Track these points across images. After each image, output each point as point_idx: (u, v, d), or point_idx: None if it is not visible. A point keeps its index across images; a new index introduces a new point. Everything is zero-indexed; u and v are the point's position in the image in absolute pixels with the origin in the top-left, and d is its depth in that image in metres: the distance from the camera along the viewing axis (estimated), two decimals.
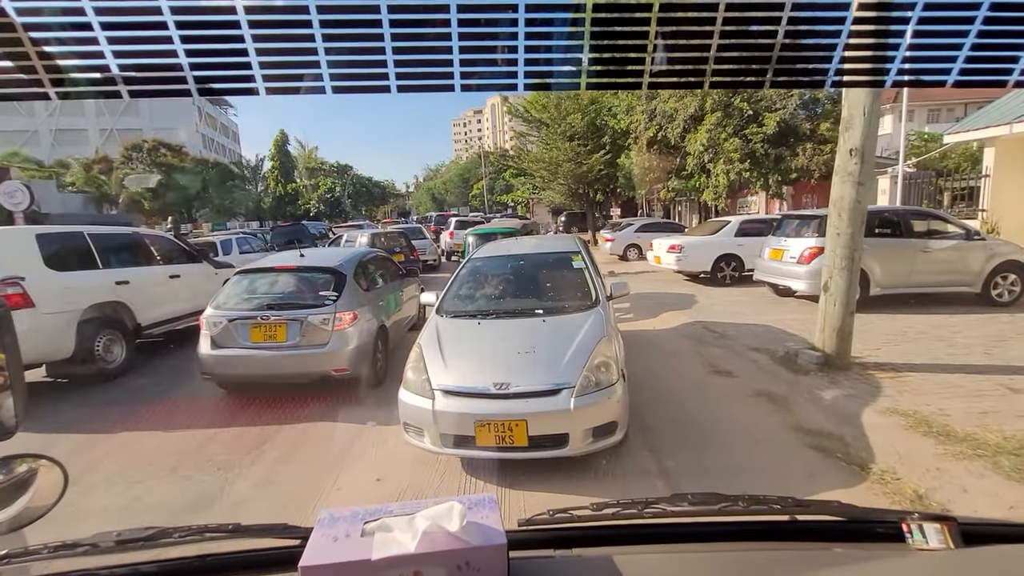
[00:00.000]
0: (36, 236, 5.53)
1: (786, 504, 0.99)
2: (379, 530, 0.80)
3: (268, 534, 1.00)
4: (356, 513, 0.86)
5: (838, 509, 0.98)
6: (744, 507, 1.00)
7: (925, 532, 0.88)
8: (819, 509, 1.00)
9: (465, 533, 0.78)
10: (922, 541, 0.88)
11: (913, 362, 4.99)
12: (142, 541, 0.98)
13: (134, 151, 30.27)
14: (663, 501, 1.03)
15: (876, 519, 0.99)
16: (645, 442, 3.61)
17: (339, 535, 0.80)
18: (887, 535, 0.93)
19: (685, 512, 1.01)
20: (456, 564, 0.76)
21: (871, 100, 4.42)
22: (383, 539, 0.78)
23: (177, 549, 0.99)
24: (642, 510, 1.02)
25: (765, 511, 1.00)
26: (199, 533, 1.00)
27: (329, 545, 0.78)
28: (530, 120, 23.13)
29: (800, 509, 1.00)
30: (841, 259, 4.75)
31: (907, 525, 0.90)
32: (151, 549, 0.98)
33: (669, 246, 10.98)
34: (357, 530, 0.81)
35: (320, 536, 0.81)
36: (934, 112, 34.83)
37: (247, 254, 12.19)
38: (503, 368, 3.26)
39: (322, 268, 5.30)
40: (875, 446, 3.41)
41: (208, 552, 0.97)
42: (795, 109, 15.01)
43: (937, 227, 7.66)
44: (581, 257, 4.73)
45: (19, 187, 11.46)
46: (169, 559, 0.96)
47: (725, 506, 1.00)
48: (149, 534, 0.99)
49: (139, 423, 4.50)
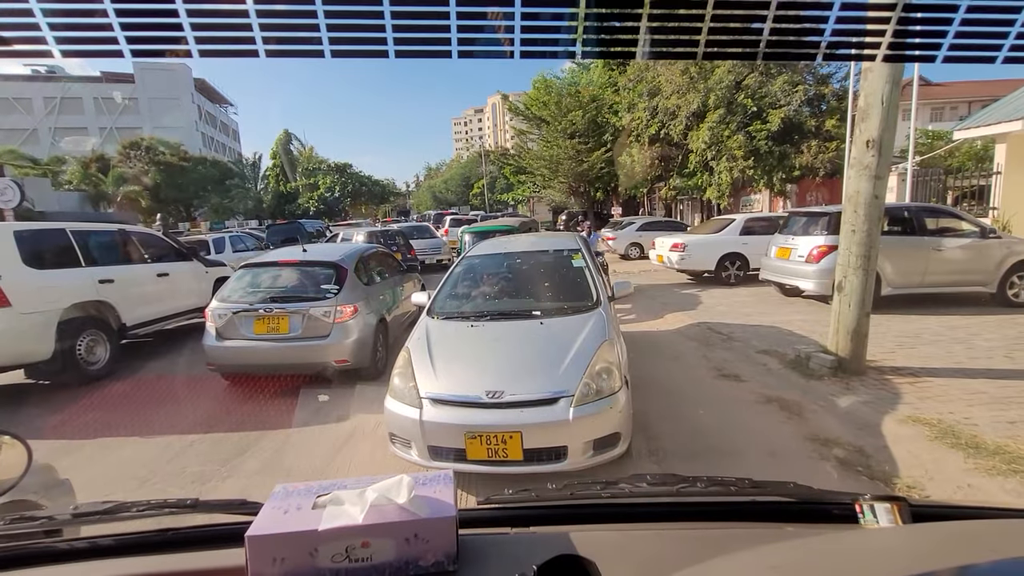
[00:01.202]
0: (14, 233, 5.30)
1: (743, 486, 1.00)
2: (330, 503, 0.81)
3: (226, 509, 1.01)
4: (310, 487, 0.87)
5: (794, 491, 1.00)
6: (702, 488, 1.01)
7: (876, 512, 0.89)
8: (775, 490, 1.01)
9: (413, 505, 0.79)
10: (873, 521, 0.89)
11: (932, 366, 4.73)
12: (99, 515, 0.98)
13: (132, 149, 30.08)
14: (622, 481, 1.04)
15: (830, 500, 0.99)
16: (651, 454, 3.36)
17: (290, 508, 0.81)
18: (841, 516, 0.94)
19: (644, 492, 1.02)
20: (404, 536, 0.77)
21: (889, 88, 4.16)
22: (332, 511, 0.79)
23: (136, 523, 0.98)
24: (601, 490, 1.02)
25: (722, 492, 1.01)
26: (158, 508, 0.99)
27: (279, 517, 0.79)
28: (531, 118, 22.91)
29: (757, 491, 1.00)
30: (857, 257, 4.49)
31: (859, 506, 0.91)
32: (109, 523, 0.98)
33: (672, 244, 10.71)
34: (309, 503, 0.82)
35: (271, 508, 0.82)
36: (937, 110, 34.55)
37: (241, 253, 11.96)
38: (496, 375, 3.02)
39: (324, 262, 5.40)
40: (899, 459, 3.16)
41: (167, 527, 0.96)
42: (800, 106, 14.75)
43: (951, 225, 7.40)
44: (581, 255, 4.48)
45: (8, 184, 11.22)
46: (128, 533, 0.96)
47: (683, 487, 1.00)
48: (107, 507, 0.99)
49: (121, 428, 4.27)
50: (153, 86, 48.19)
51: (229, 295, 5.15)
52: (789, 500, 1.01)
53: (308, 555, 0.75)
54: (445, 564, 0.79)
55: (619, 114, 19.37)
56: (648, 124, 17.38)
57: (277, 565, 0.75)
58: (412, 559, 0.78)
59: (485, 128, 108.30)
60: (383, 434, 3.23)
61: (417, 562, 0.78)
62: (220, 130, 59.44)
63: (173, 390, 5.50)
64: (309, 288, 5.17)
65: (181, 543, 0.94)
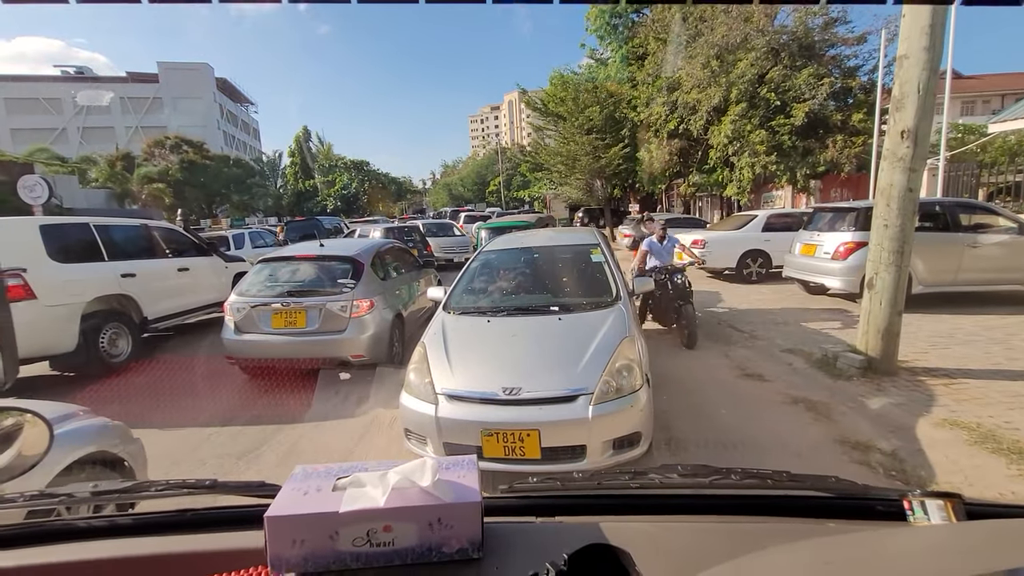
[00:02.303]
0: (40, 227, 5.40)
1: (780, 479, 0.95)
2: (350, 485, 0.79)
3: (245, 491, 1.00)
4: (330, 470, 0.85)
5: (835, 485, 0.94)
6: (736, 480, 0.95)
7: (927, 509, 0.83)
8: (816, 484, 0.95)
9: (437, 489, 0.77)
10: (924, 518, 0.83)
11: (968, 367, 4.53)
12: (118, 493, 0.99)
13: (156, 147, 30.71)
14: (652, 472, 1.00)
15: (876, 496, 0.92)
16: (672, 455, 3.25)
17: (310, 489, 0.79)
18: (887, 513, 0.88)
19: (675, 483, 0.97)
20: (428, 521, 0.75)
21: (927, 75, 3.97)
22: (353, 493, 0.77)
23: (155, 503, 0.98)
24: (629, 480, 0.99)
25: (759, 485, 0.96)
26: (176, 488, 0.99)
27: (298, 498, 0.77)
28: (548, 114, 22.73)
29: (796, 484, 0.95)
30: (889, 253, 4.31)
31: (908, 502, 0.85)
32: (127, 502, 0.99)
33: (692, 241, 10.50)
34: (329, 485, 0.80)
35: (290, 489, 0.80)
36: (969, 104, 33.40)
37: (260, 248, 12.11)
38: (514, 371, 2.95)
39: (341, 257, 5.42)
40: (935, 464, 3.01)
41: (186, 507, 0.95)
42: (825, 99, 14.35)
43: (987, 221, 7.10)
44: (600, 250, 4.38)
45: (38, 181, 11.50)
46: (147, 513, 0.95)
47: (717, 479, 0.95)
48: (126, 486, 1.00)
49: (141, 420, 4.30)
50: (177, 85, 49.16)
51: (248, 289, 5.19)
52: (830, 495, 0.95)
53: (328, 538, 0.73)
54: (470, 551, 0.76)
55: (637, 109, 19.09)
56: (667, 119, 17.10)
57: (296, 547, 0.73)
58: (435, 545, 0.75)
59: (502, 125, 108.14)
60: (399, 431, 3.19)
61: (441, 548, 0.75)
62: (241, 128, 60.41)
63: (192, 382, 5.55)
64: (326, 283, 5.18)
65: (200, 524, 0.93)
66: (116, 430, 2.30)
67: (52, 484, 1.75)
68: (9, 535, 0.92)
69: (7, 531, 0.93)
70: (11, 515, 1.00)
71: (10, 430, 1.04)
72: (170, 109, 48.55)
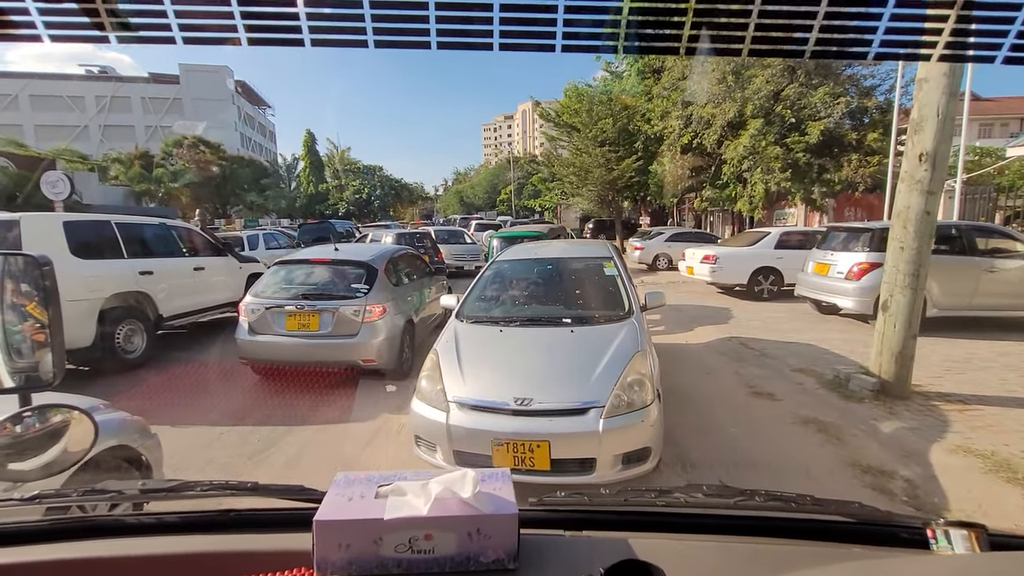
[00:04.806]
0: (64, 223, 5.52)
1: (804, 502, 0.96)
2: (392, 493, 0.81)
3: (286, 494, 1.02)
4: (371, 477, 0.88)
5: (859, 511, 0.94)
6: (761, 502, 0.97)
7: (951, 538, 0.82)
8: (839, 509, 0.95)
9: (477, 501, 0.79)
10: (947, 547, 0.82)
11: (984, 394, 4.47)
12: (165, 491, 1.03)
13: (175, 147, 31.24)
14: (677, 491, 1.02)
15: (899, 523, 0.92)
16: (682, 471, 3.24)
17: (354, 495, 0.82)
18: (910, 541, 0.88)
19: (700, 503, 0.99)
20: (467, 531, 0.77)
21: (946, 100, 3.97)
22: (396, 501, 0.79)
23: (197, 502, 1.00)
24: (655, 498, 1.01)
25: (783, 508, 0.96)
26: (220, 489, 1.02)
27: (344, 503, 0.80)
28: (561, 125, 22.83)
29: (819, 508, 0.96)
30: (905, 275, 4.28)
31: (932, 531, 0.85)
32: (173, 500, 1.02)
33: (703, 256, 10.48)
34: (371, 492, 0.83)
35: (335, 495, 0.83)
36: (986, 126, 33.10)
37: (273, 250, 12.25)
38: (525, 382, 2.96)
39: (355, 261, 5.49)
40: (948, 491, 2.97)
41: (228, 507, 0.98)
42: (841, 118, 14.32)
43: (1004, 245, 7.02)
44: (613, 263, 4.40)
45: (60, 177, 11.79)
46: (192, 511, 0.98)
47: (741, 500, 0.97)
48: (172, 485, 1.03)
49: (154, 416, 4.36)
50: (197, 87, 50.09)
51: (263, 291, 5.24)
52: (854, 521, 0.95)
53: (373, 543, 0.76)
54: (506, 562, 0.78)
55: (651, 122, 19.12)
56: (681, 133, 17.12)
57: (343, 551, 0.76)
58: (473, 554, 0.78)
59: (515, 135, 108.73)
60: (407, 437, 3.21)
61: (478, 558, 0.78)
62: (258, 131, 61.28)
63: (205, 382, 5.61)
64: (340, 287, 5.23)
65: (243, 524, 0.96)
66: (136, 424, 2.34)
67: (72, 477, 1.79)
68: (65, 528, 0.95)
69: (64, 525, 0.97)
70: (66, 510, 1.05)
71: (58, 426, 1.07)
72: (190, 110, 49.41)
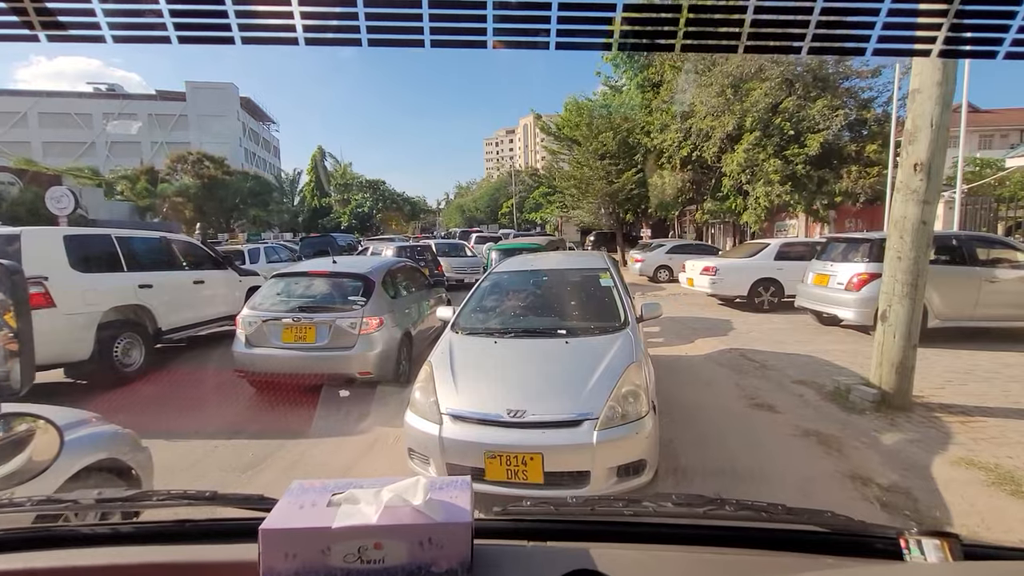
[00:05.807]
0: (64, 237, 5.55)
1: (776, 512, 0.94)
2: (345, 501, 0.80)
3: (245, 503, 1.01)
4: (326, 485, 0.86)
5: (831, 520, 0.93)
6: (731, 511, 0.96)
7: (924, 548, 0.82)
8: (811, 519, 0.94)
9: (428, 508, 0.77)
10: (920, 557, 0.82)
11: (986, 405, 4.41)
12: (121, 501, 1.02)
13: (179, 163, 31.57)
14: (646, 500, 1.00)
15: (872, 533, 0.91)
16: (677, 484, 3.19)
17: (305, 503, 0.81)
18: (883, 551, 0.88)
19: (669, 512, 0.98)
20: (419, 540, 0.75)
21: (940, 110, 3.98)
22: (347, 510, 0.78)
23: (155, 513, 1.00)
24: (623, 507, 0.99)
25: (753, 517, 0.95)
26: (178, 499, 1.00)
27: (294, 512, 0.78)
28: (562, 138, 23.03)
29: (791, 518, 0.94)
30: (903, 285, 4.26)
31: (905, 540, 0.84)
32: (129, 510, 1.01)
33: (703, 268, 10.47)
34: (324, 500, 0.81)
35: (287, 503, 0.81)
36: (986, 138, 33.18)
37: (275, 263, 12.29)
38: (519, 393, 2.94)
39: (352, 274, 5.49)
40: (951, 505, 2.92)
41: (184, 518, 0.96)
42: (840, 130, 14.40)
43: (1005, 256, 7.00)
44: (609, 275, 4.39)
45: (65, 192, 11.90)
46: (148, 522, 0.97)
47: (710, 509, 0.96)
48: (129, 495, 1.05)
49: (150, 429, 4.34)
50: (202, 103, 50.76)
51: (260, 303, 5.24)
52: (826, 531, 0.93)
53: (320, 552, 0.74)
54: (458, 572, 0.76)
55: (651, 135, 19.27)
56: (680, 146, 17.23)
57: (289, 561, 0.74)
58: (425, 564, 0.76)
59: (516, 149, 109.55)
60: (401, 450, 3.18)
61: (430, 567, 0.76)
62: (262, 146, 61.92)
63: (201, 394, 5.60)
64: (337, 299, 5.22)
65: (198, 535, 0.94)
66: (126, 438, 2.33)
67: (62, 489, 1.78)
68: (16, 538, 0.94)
69: (15, 534, 0.95)
70: (19, 519, 1.02)
71: (22, 435, 1.06)
72: (195, 126, 50.02)
